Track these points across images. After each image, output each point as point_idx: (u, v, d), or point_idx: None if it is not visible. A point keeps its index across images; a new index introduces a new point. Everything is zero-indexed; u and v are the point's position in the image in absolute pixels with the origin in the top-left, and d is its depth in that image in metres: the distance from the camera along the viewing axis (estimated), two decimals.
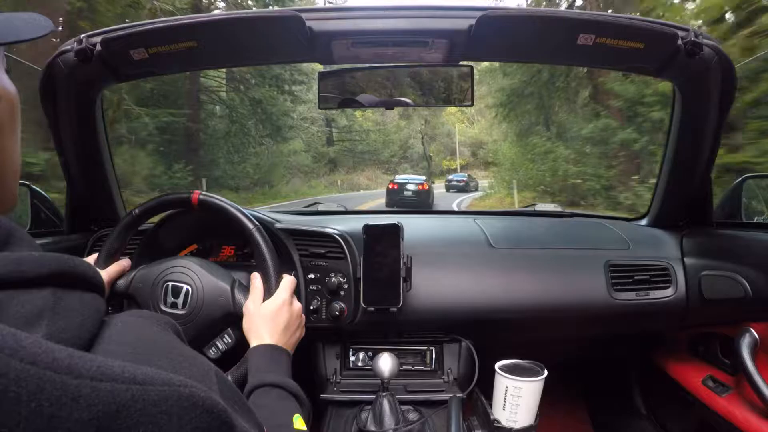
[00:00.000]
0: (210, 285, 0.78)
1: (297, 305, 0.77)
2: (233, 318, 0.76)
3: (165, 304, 0.77)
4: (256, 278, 0.77)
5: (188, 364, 0.28)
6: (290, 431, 0.58)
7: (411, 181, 13.88)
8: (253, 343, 0.70)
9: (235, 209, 0.82)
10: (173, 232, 0.96)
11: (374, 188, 21.65)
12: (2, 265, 0.25)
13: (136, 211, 0.83)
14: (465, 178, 21.59)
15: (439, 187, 19.95)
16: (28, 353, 0.20)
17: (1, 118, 0.35)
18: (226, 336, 0.79)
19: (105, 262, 0.81)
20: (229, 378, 0.36)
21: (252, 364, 0.67)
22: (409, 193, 13.12)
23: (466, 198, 16.76)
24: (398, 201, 12.95)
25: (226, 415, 0.25)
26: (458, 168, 28.18)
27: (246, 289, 0.78)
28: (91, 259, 0.83)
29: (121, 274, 0.81)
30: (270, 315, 0.72)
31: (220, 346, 0.79)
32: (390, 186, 13.84)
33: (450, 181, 21.48)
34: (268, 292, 0.75)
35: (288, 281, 0.77)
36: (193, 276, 0.78)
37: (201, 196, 0.82)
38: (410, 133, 28.74)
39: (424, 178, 15.15)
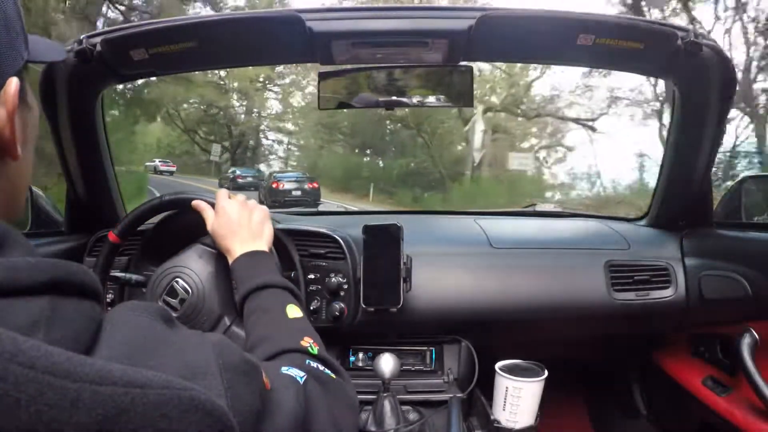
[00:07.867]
0: (190, 259, 0.77)
1: (240, 198, 0.73)
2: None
3: (171, 309, 0.75)
4: (199, 203, 0.74)
5: (183, 357, 0.28)
6: (286, 321, 0.57)
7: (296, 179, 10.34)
8: (230, 262, 0.67)
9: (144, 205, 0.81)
10: (172, 233, 0.96)
11: None
12: None
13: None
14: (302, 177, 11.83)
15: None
16: (27, 357, 0.20)
17: (29, 128, 0.37)
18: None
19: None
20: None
21: (236, 279, 0.65)
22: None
23: None
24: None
25: (226, 418, 0.25)
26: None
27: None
28: None
29: None
30: (227, 228, 0.69)
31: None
32: (273, 185, 10.52)
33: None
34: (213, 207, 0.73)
35: (218, 192, 0.74)
36: (183, 269, 0.77)
37: (115, 232, 0.82)
38: None
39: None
